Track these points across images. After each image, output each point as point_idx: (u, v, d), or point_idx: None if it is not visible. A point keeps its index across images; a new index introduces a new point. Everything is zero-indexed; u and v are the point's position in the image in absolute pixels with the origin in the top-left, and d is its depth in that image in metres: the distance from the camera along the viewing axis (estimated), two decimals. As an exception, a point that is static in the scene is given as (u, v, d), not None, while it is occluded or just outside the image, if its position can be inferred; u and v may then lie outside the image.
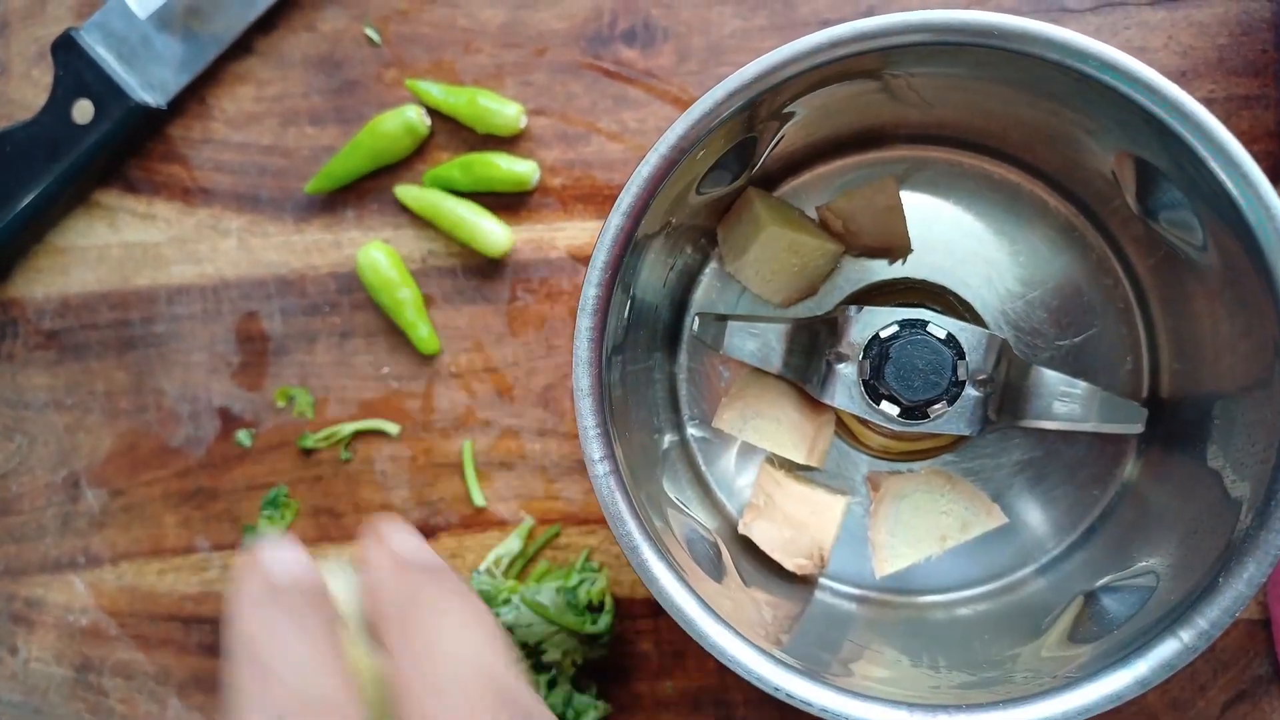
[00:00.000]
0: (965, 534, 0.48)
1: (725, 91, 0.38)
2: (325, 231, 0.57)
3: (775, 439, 0.49)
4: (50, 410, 0.59)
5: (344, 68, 0.57)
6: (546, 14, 0.56)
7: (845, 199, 0.49)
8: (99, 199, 0.59)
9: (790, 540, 0.48)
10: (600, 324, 0.38)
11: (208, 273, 0.58)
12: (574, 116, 0.56)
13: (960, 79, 0.42)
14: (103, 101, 0.56)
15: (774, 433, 0.49)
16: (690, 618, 0.37)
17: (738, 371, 0.50)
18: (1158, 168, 0.40)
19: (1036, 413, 0.46)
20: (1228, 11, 0.54)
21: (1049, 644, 0.42)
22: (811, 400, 0.49)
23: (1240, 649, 0.53)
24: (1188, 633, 0.36)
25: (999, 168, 0.50)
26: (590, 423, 0.38)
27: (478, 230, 0.55)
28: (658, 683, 0.56)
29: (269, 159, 0.58)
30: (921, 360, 0.42)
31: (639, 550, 0.38)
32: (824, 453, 0.50)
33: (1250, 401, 0.40)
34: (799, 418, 0.49)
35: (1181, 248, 0.43)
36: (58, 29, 0.57)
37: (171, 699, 0.58)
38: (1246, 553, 0.36)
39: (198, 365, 0.58)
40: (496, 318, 0.57)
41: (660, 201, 0.39)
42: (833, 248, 0.49)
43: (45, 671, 0.59)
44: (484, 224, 0.55)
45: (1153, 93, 0.37)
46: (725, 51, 0.56)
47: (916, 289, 0.50)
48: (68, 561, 0.59)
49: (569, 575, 0.55)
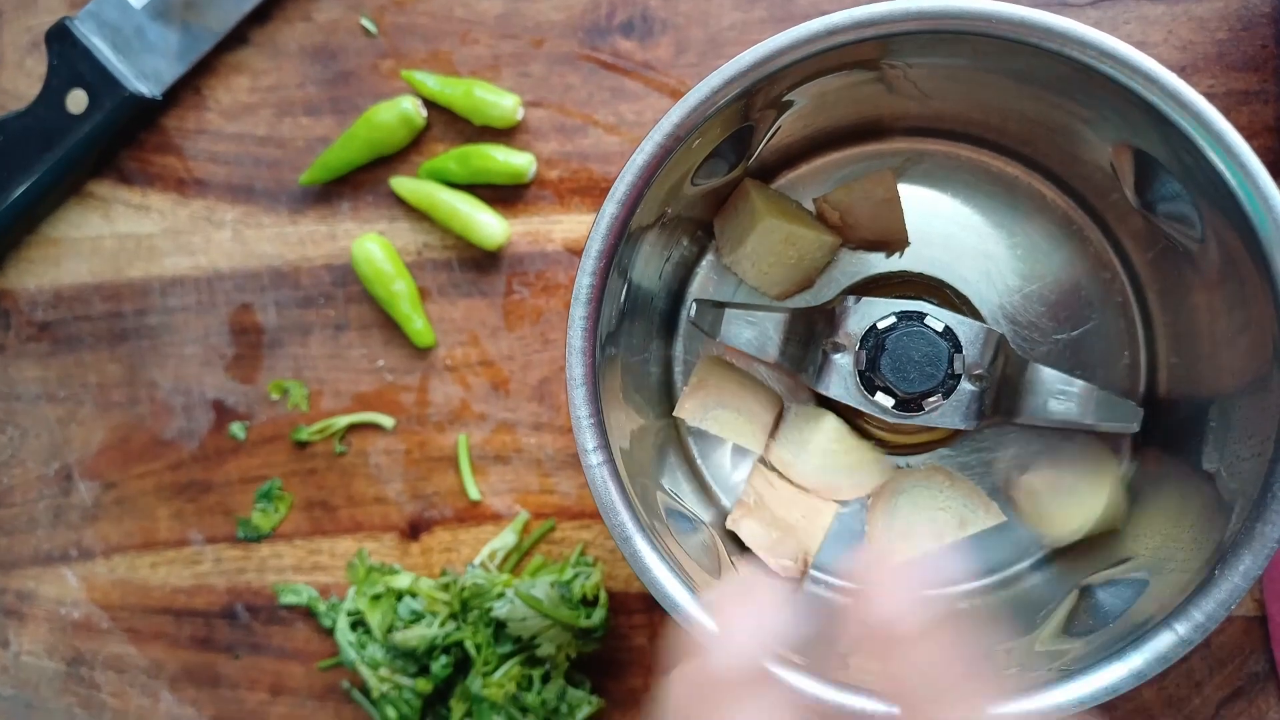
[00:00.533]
0: (963, 531, 0.48)
1: (722, 79, 0.37)
2: (320, 223, 0.57)
3: (735, 429, 0.48)
4: (42, 402, 0.59)
5: (339, 58, 0.57)
6: (544, 5, 0.56)
7: (843, 191, 0.49)
8: (93, 190, 0.58)
9: (777, 542, 0.48)
10: (594, 313, 0.38)
11: (202, 264, 0.58)
12: (571, 108, 0.56)
13: (958, 70, 0.42)
14: (97, 92, 0.56)
15: (734, 423, 0.48)
16: (683, 610, 0.37)
17: (701, 361, 0.50)
18: (1156, 159, 0.40)
19: (1033, 410, 0.46)
20: (1227, 6, 0.54)
21: (1044, 637, 0.42)
22: (772, 391, 0.49)
23: (1236, 646, 0.53)
24: (1183, 625, 0.36)
25: (997, 161, 0.49)
26: (584, 412, 0.38)
27: (473, 223, 0.55)
28: (652, 677, 0.55)
29: (264, 150, 0.57)
30: (918, 352, 0.41)
31: (632, 540, 0.37)
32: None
33: (1247, 399, 0.40)
34: (758, 408, 0.49)
35: (1180, 241, 0.43)
36: (52, 18, 0.57)
37: (163, 692, 0.58)
38: (1242, 546, 0.36)
39: (191, 358, 0.58)
40: (492, 311, 0.56)
41: (656, 191, 0.39)
42: (830, 240, 0.49)
43: (37, 665, 0.59)
44: (479, 217, 0.55)
45: (1152, 83, 0.36)
46: (723, 44, 0.55)
47: (914, 282, 0.50)
48: (60, 554, 0.58)
49: (564, 569, 0.54)
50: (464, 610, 0.54)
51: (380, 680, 0.54)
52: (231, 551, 0.58)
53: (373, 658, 0.54)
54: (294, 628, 0.57)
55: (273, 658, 0.57)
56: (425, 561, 0.57)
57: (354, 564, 0.56)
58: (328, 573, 0.57)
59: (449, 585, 0.55)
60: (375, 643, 0.54)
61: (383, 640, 0.54)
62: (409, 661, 0.54)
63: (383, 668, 0.54)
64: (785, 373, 0.49)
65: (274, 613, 0.57)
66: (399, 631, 0.54)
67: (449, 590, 0.54)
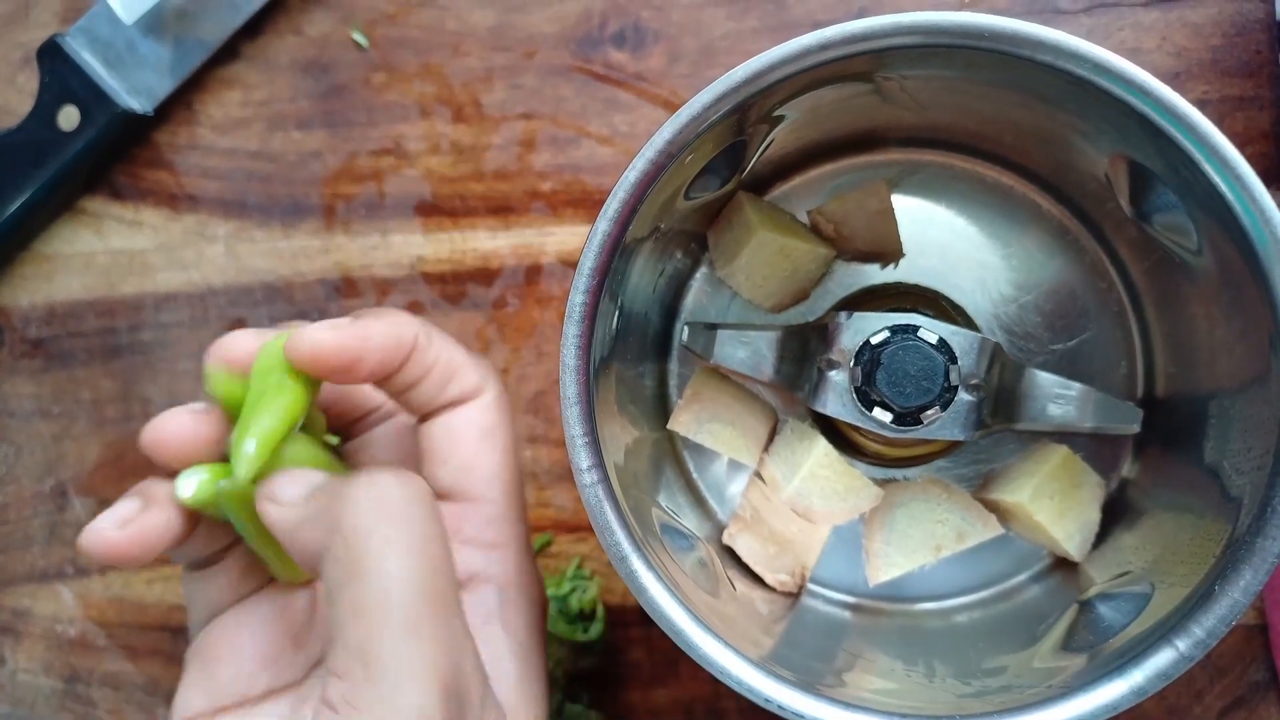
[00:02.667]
0: (961, 544, 0.48)
1: (714, 95, 0.37)
2: (313, 237, 0.57)
3: (730, 443, 0.48)
4: (37, 419, 0.58)
5: (331, 72, 0.57)
6: (536, 16, 0.56)
7: (837, 203, 0.49)
8: (85, 206, 0.58)
9: (774, 556, 0.48)
10: (588, 331, 0.37)
11: (195, 280, 0.57)
12: (564, 120, 0.56)
13: (953, 81, 0.42)
14: (88, 108, 0.56)
15: (728, 437, 0.48)
16: (679, 628, 0.37)
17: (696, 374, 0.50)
18: (1152, 170, 0.40)
19: (1031, 415, 0.46)
20: (1222, 12, 0.54)
21: (1043, 653, 0.41)
22: (767, 404, 0.49)
23: (1237, 655, 0.53)
24: (1184, 641, 0.36)
25: (992, 171, 0.49)
26: (578, 431, 0.38)
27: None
28: (650, 692, 0.55)
29: (256, 164, 0.57)
30: (913, 366, 0.41)
31: (628, 560, 0.37)
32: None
33: (1245, 411, 0.40)
34: (753, 422, 0.49)
35: (1176, 251, 0.43)
36: (43, 35, 0.57)
37: (160, 709, 0.58)
38: (1243, 560, 0.36)
39: (185, 373, 0.57)
40: (486, 323, 0.56)
41: (648, 206, 0.39)
42: (824, 252, 0.49)
43: (33, 683, 0.58)
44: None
45: (1146, 95, 0.36)
46: (717, 54, 0.55)
47: (909, 293, 0.50)
48: (55, 572, 0.58)
49: (560, 583, 0.54)
50: (461, 626, 0.53)
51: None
52: (227, 568, 0.57)
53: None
54: (290, 644, 0.57)
55: (269, 674, 0.57)
56: (422, 576, 0.56)
57: (350, 580, 0.56)
58: (324, 588, 0.57)
59: (446, 600, 0.54)
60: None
61: (379, 656, 0.54)
62: (406, 678, 0.54)
63: (380, 684, 0.54)
64: (782, 391, 0.49)
65: (270, 629, 0.57)
66: (396, 647, 0.53)
67: (446, 605, 0.54)
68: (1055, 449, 0.47)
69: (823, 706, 0.37)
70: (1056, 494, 0.46)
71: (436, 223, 0.56)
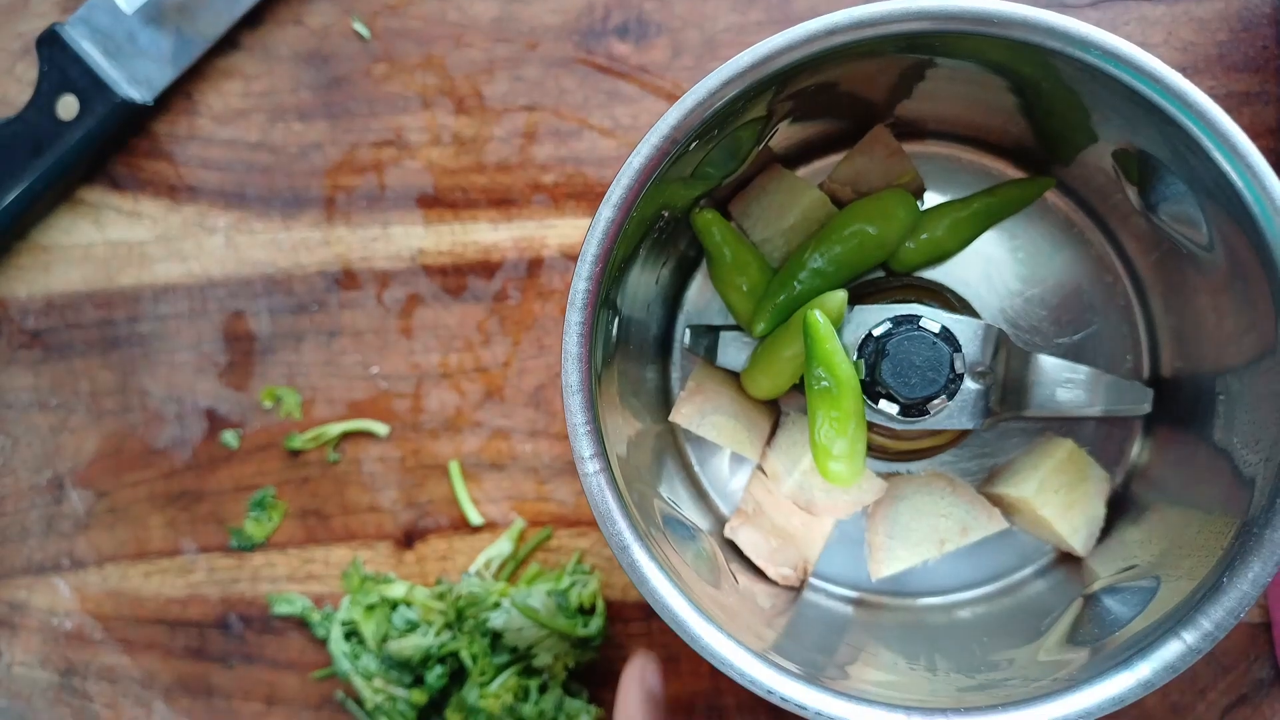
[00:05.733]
0: (965, 538, 0.48)
1: (719, 81, 0.37)
2: (313, 229, 0.56)
3: (732, 435, 0.48)
4: (34, 411, 0.58)
5: (332, 63, 0.56)
6: (539, 8, 0.56)
7: (846, 164, 0.48)
8: (83, 196, 0.58)
9: (776, 550, 0.47)
10: (590, 319, 0.37)
11: (194, 271, 0.57)
12: (566, 112, 0.56)
13: (959, 70, 0.41)
14: (88, 98, 0.55)
15: (731, 429, 0.48)
16: (681, 619, 0.36)
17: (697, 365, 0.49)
18: (1160, 160, 0.40)
19: (1040, 401, 0.45)
20: (1228, 7, 0.53)
21: (1048, 646, 0.41)
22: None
23: (1241, 652, 0.53)
24: (1191, 634, 0.36)
25: (998, 163, 0.49)
26: (580, 419, 0.37)
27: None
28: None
29: (256, 155, 0.57)
30: (918, 356, 0.41)
31: (629, 550, 0.37)
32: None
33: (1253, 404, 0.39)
34: (756, 415, 0.48)
35: (1184, 243, 0.42)
36: (42, 24, 0.57)
37: (157, 703, 0.57)
38: (1252, 552, 0.36)
39: (184, 365, 0.57)
40: (487, 317, 0.56)
41: (652, 194, 0.38)
42: None
43: (29, 676, 0.58)
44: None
45: (1156, 81, 0.36)
46: (720, 46, 0.55)
47: (913, 287, 0.49)
48: (52, 564, 0.58)
49: (560, 578, 0.54)
50: (459, 620, 0.53)
51: (374, 691, 0.53)
52: (225, 561, 0.57)
53: (367, 668, 0.53)
54: (288, 638, 0.57)
55: (266, 668, 0.57)
56: (420, 570, 0.56)
57: (348, 573, 0.56)
58: (322, 582, 0.56)
59: (444, 594, 0.54)
60: (369, 653, 0.54)
61: (377, 650, 0.53)
62: (404, 672, 0.53)
63: (377, 678, 0.53)
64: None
65: (267, 623, 0.57)
66: (393, 641, 0.53)
67: (444, 599, 0.54)
68: (1061, 443, 0.47)
69: (824, 698, 0.36)
70: (1062, 488, 0.46)
71: (438, 215, 0.56)
